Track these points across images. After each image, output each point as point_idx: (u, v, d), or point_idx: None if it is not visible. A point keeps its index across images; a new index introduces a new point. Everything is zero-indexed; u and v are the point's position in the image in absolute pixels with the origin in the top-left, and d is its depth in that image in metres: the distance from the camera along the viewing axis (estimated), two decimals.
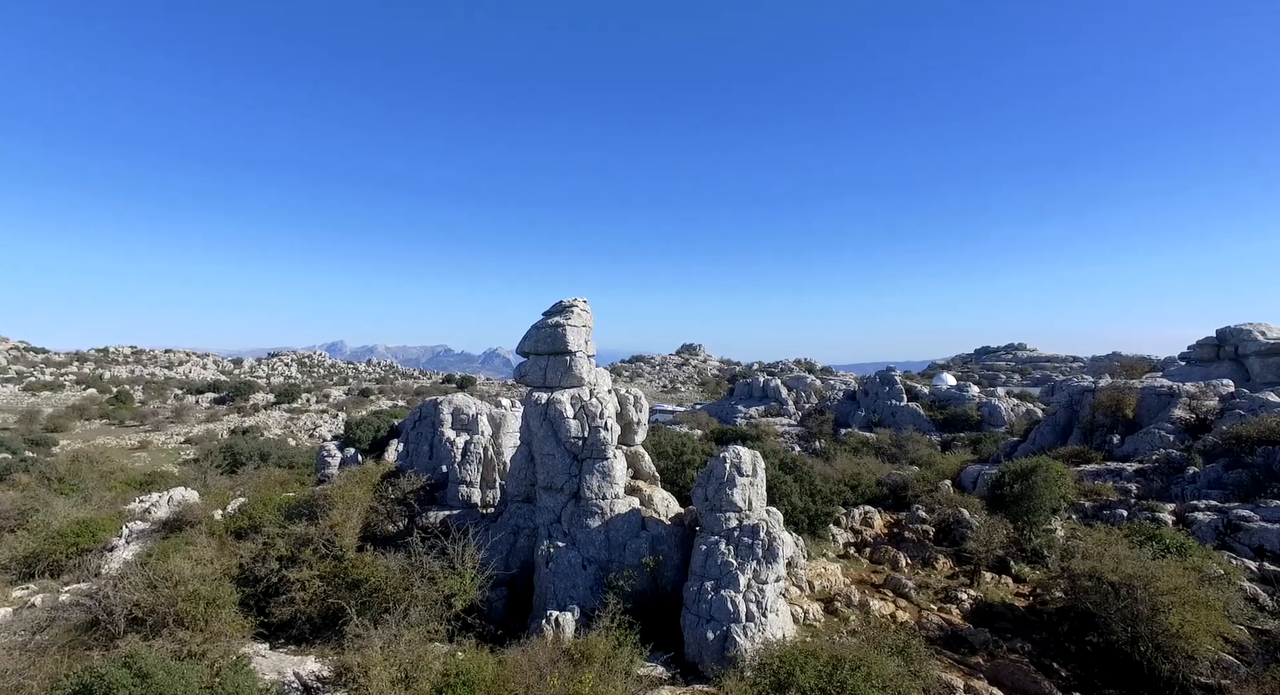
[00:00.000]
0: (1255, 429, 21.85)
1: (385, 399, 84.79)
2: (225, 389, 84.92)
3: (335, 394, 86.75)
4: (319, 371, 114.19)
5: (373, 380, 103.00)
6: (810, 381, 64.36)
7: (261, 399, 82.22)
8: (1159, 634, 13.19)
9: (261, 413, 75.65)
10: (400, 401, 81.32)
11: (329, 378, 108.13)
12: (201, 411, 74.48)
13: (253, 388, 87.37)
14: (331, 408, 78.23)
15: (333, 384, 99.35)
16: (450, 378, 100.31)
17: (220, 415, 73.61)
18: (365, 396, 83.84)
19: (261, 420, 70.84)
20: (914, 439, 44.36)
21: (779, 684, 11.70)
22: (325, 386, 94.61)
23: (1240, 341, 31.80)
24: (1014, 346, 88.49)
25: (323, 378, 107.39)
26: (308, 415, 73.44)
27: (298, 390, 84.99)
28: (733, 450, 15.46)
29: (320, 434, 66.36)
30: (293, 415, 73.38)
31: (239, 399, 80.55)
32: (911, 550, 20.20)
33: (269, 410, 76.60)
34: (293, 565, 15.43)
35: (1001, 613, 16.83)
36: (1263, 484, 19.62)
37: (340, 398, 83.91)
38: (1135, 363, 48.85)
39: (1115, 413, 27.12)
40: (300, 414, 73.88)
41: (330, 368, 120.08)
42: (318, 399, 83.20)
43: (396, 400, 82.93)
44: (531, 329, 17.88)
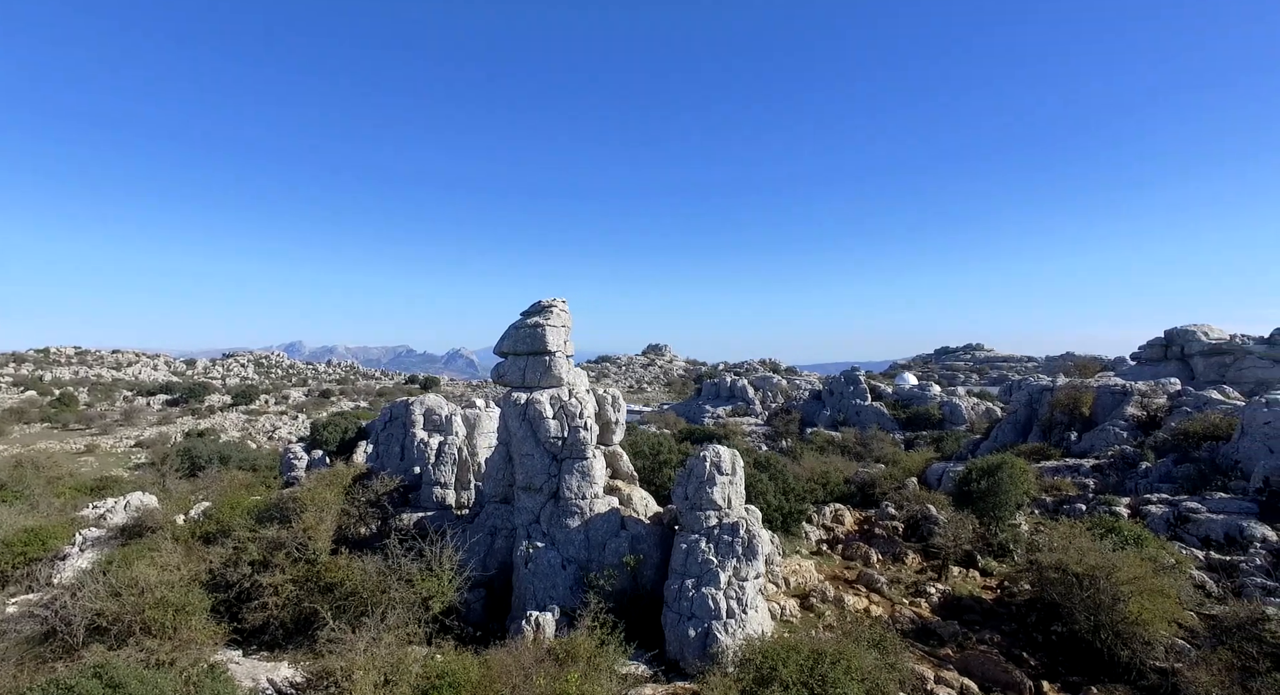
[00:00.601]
0: (1200, 425, 22.95)
1: (347, 400, 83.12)
2: (178, 390, 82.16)
3: (295, 395, 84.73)
4: (277, 372, 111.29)
5: (333, 381, 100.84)
6: (776, 381, 65.18)
7: (217, 400, 79.86)
8: (1119, 622, 13.77)
9: (217, 415, 73.49)
10: (363, 403, 79.80)
11: (287, 379, 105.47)
12: (153, 414, 71.97)
13: (207, 389, 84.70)
14: (291, 409, 76.38)
15: (292, 385, 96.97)
16: (414, 378, 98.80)
17: (173, 417, 71.20)
18: (326, 398, 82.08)
19: (217, 422, 68.79)
20: (878, 438, 45.30)
21: (762, 679, 11.87)
22: (284, 388, 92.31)
23: (1186, 342, 33.33)
24: (972, 347, 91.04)
25: (281, 379, 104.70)
26: (266, 417, 71.59)
27: (255, 391, 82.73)
28: (712, 449, 15.62)
29: (280, 436, 64.76)
30: (250, 417, 71.43)
31: (193, 401, 78.06)
32: (882, 546, 20.65)
33: (225, 412, 74.44)
34: (265, 570, 15.08)
35: (970, 605, 17.32)
36: (1208, 477, 20.63)
37: (300, 399, 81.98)
38: (1088, 362, 50.70)
39: (1073, 411, 28.16)
40: (259, 416, 71.96)
41: (289, 368, 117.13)
42: (276, 400, 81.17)
43: (359, 401, 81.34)
44: (510, 329, 17.78)
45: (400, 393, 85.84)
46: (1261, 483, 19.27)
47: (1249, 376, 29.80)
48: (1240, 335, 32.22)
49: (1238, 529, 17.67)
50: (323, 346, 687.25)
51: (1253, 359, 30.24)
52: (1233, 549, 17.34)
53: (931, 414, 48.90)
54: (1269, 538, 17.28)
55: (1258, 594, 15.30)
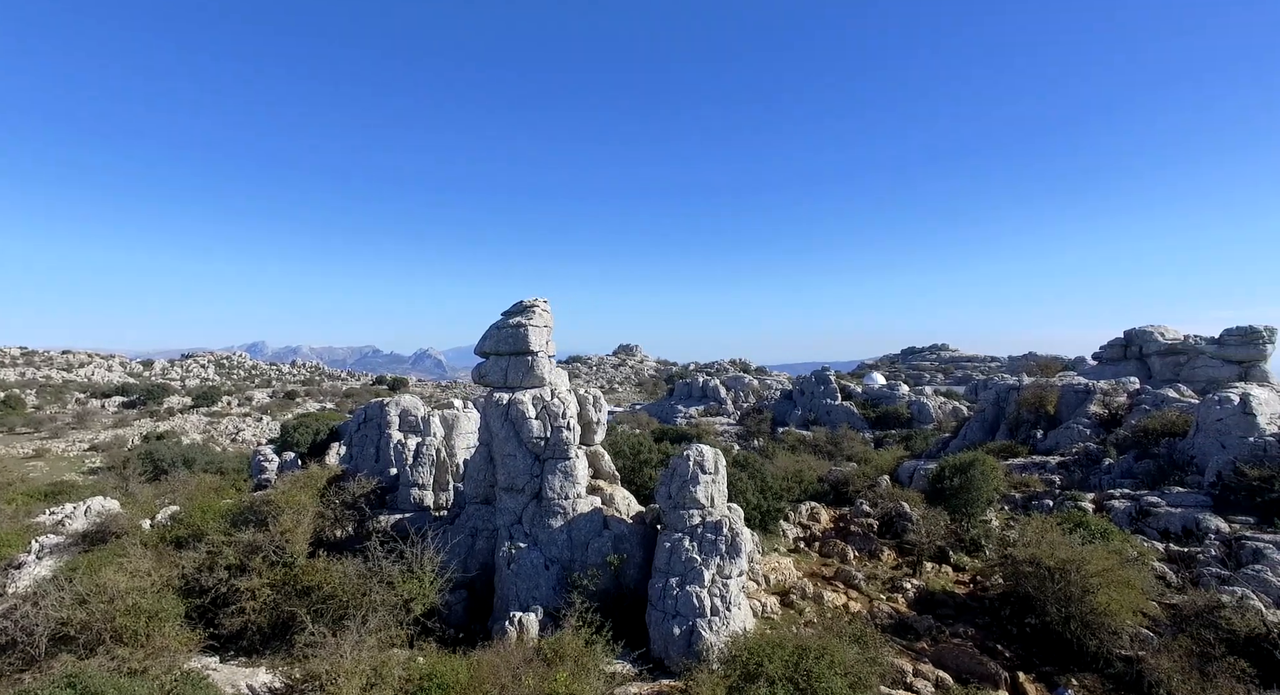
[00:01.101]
0: (1159, 422, 23.88)
1: (313, 401, 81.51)
2: (135, 392, 79.59)
3: (259, 396, 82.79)
4: (239, 373, 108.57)
5: (298, 382, 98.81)
6: (748, 381, 65.77)
7: (177, 402, 77.60)
8: (1088, 613, 14.24)
9: (177, 417, 71.44)
10: (329, 404, 78.35)
11: (250, 380, 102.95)
12: (108, 416, 69.63)
13: (167, 391, 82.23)
14: (255, 411, 74.65)
15: (255, 386, 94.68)
16: (381, 379, 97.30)
17: (130, 420, 68.97)
18: (291, 399, 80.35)
19: (178, 425, 66.89)
20: (849, 436, 46.02)
21: (749, 675, 12.02)
22: (247, 389, 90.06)
23: (1144, 342, 34.66)
24: (937, 347, 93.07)
25: (243, 380, 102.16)
26: (229, 419, 69.83)
27: (217, 393, 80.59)
28: (696, 448, 15.75)
29: (244, 438, 63.31)
30: (213, 419, 69.59)
31: (151, 403, 75.69)
32: (858, 543, 21.01)
33: (186, 414, 72.41)
34: (242, 574, 14.76)
35: (943, 600, 17.72)
36: (1167, 472, 21.48)
37: (265, 400, 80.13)
38: (1049, 362, 52.28)
39: (1038, 409, 29.02)
40: (221, 418, 70.14)
41: (251, 369, 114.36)
42: (240, 402, 79.19)
43: (325, 403, 79.83)
44: (492, 329, 17.69)
45: (368, 394, 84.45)
46: (1215, 477, 20.11)
47: (1201, 375, 31.12)
48: (1193, 336, 33.63)
49: (1194, 521, 18.41)
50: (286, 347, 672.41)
51: (1204, 359, 31.57)
52: (1190, 541, 18.07)
53: (900, 413, 49.86)
54: (1222, 529, 18.04)
55: (1213, 583, 15.96)
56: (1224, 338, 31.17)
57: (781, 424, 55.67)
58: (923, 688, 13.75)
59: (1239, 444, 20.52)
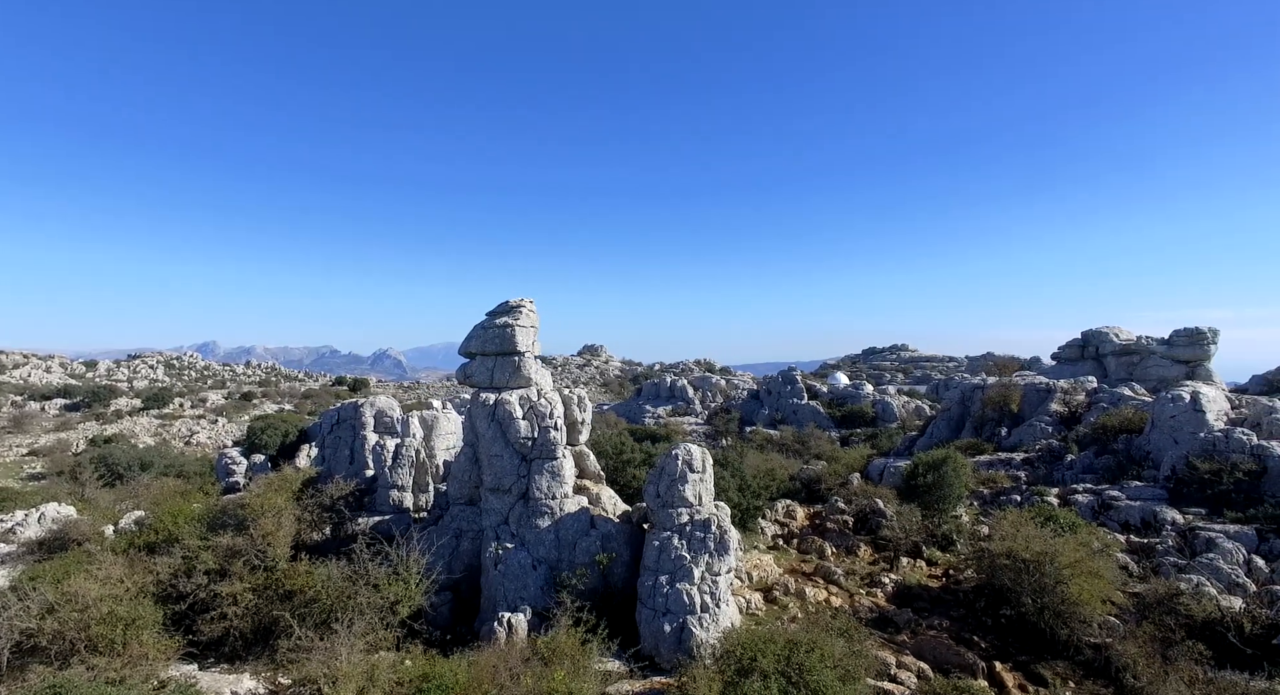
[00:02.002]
0: (1116, 420, 24.99)
1: (270, 402, 79.26)
2: (79, 394, 76.27)
3: (213, 398, 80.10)
4: (190, 374, 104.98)
5: (254, 383, 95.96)
6: (715, 381, 66.36)
7: (125, 404, 74.64)
8: (1060, 603, 14.85)
9: (126, 419, 68.69)
10: (288, 405, 76.35)
11: (202, 381, 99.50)
12: (49, 420, 66.55)
13: (114, 392, 78.98)
14: (210, 413, 72.27)
15: (208, 387, 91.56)
16: (341, 380, 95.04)
17: (74, 423, 66.06)
18: (248, 400, 78.03)
19: (126, 428, 64.38)
20: (815, 435, 46.81)
21: (743, 670, 12.23)
22: (200, 390, 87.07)
23: (1100, 343, 36.23)
24: (897, 347, 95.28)
25: (195, 381, 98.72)
26: (182, 421, 67.48)
27: (169, 394, 77.75)
28: (684, 448, 15.91)
29: (199, 441, 61.30)
30: (164, 421, 67.16)
31: (97, 405, 72.63)
32: (835, 540, 21.46)
33: (135, 417, 69.67)
34: (222, 579, 14.38)
35: (919, 594, 18.25)
36: (1125, 467, 22.51)
37: (219, 402, 77.64)
38: (1007, 362, 54.12)
39: (1002, 407, 30.06)
40: (173, 420, 67.71)
41: (204, 370, 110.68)
42: (193, 403, 76.56)
43: (283, 404, 77.74)
44: (477, 329, 17.56)
45: (328, 395, 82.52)
46: (1170, 471, 21.16)
47: (1153, 375, 32.70)
48: (1145, 337, 35.30)
49: (1152, 514, 19.34)
50: (239, 347, 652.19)
51: (1155, 358, 33.19)
52: (1148, 532, 18.97)
53: (865, 412, 50.91)
54: (1178, 521, 18.99)
55: (1172, 572, 16.82)
56: (1173, 338, 32.88)
57: (749, 423, 56.33)
58: (906, 679, 14.16)
59: (1191, 440, 21.62)
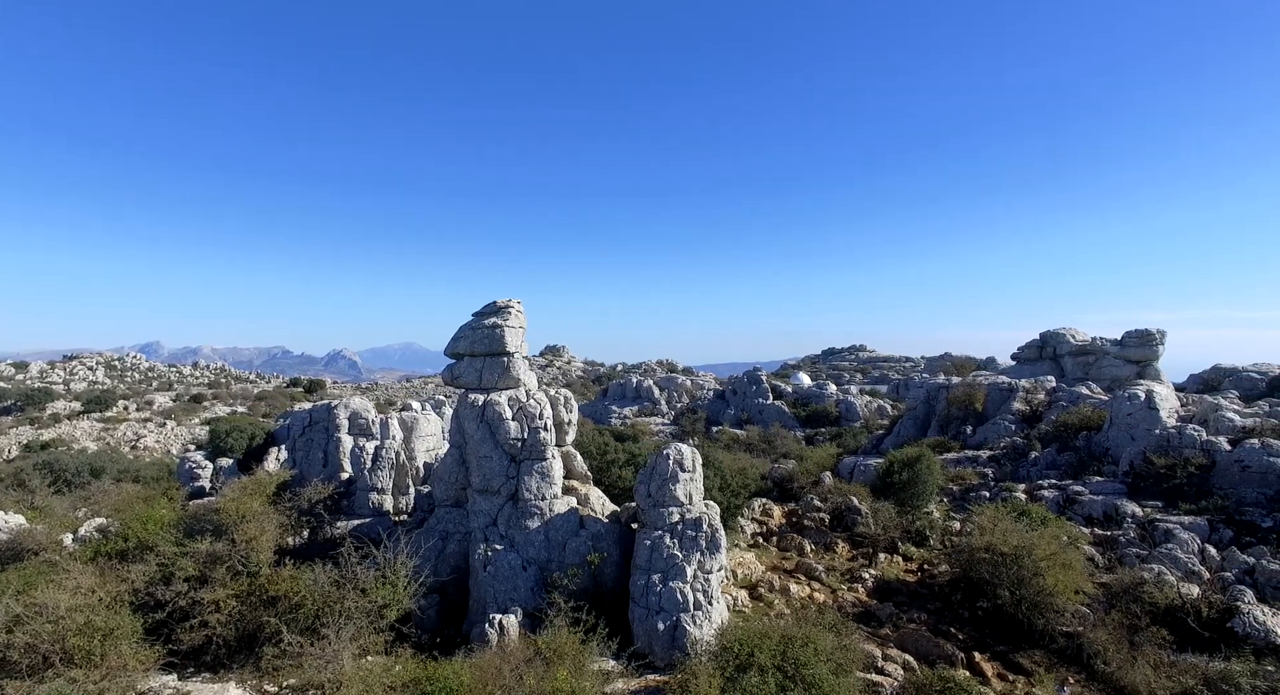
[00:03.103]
0: (1076, 418, 26.10)
1: (222, 405, 76.62)
2: (10, 397, 72.43)
3: (160, 400, 76.98)
4: (134, 376, 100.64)
5: (203, 384, 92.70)
6: (681, 381, 66.75)
7: (63, 408, 71.18)
8: (1036, 594, 15.45)
9: (65, 423, 65.58)
10: (240, 407, 73.95)
11: (147, 382, 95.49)
12: None
13: (49, 395, 75.21)
14: (157, 415, 69.48)
15: (154, 389, 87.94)
16: (296, 381, 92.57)
17: (5, 428, 62.77)
18: (198, 402, 75.29)
19: (65, 432, 61.52)
20: (781, 435, 47.44)
21: (741, 665, 12.40)
22: (145, 392, 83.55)
23: (1057, 343, 37.79)
24: (856, 347, 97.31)
25: (139, 382, 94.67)
26: (127, 425, 64.77)
27: (111, 397, 74.41)
28: (675, 447, 16.03)
29: (145, 445, 58.94)
30: (107, 425, 64.33)
31: (31, 408, 69.09)
32: (813, 537, 21.87)
33: (75, 420, 66.55)
34: (203, 586, 13.90)
35: (898, 589, 18.74)
36: (1086, 464, 23.53)
37: (167, 404, 74.69)
38: (964, 362, 55.89)
39: (967, 406, 31.04)
40: (117, 423, 64.91)
41: (148, 371, 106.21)
42: (138, 406, 73.45)
43: (236, 406, 75.27)
44: (465, 329, 17.37)
45: (282, 396, 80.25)
46: (1128, 467, 22.20)
47: (1107, 374, 34.25)
48: (1099, 338, 36.94)
49: (1113, 507, 20.26)
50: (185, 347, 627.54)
51: (1109, 358, 34.78)
52: (1110, 525, 19.86)
53: (829, 411, 51.83)
54: (1137, 514, 19.93)
55: (1135, 562, 17.64)
56: (1125, 339, 34.49)
57: (715, 423, 56.81)
58: (893, 671, 14.55)
59: (1146, 436, 22.72)
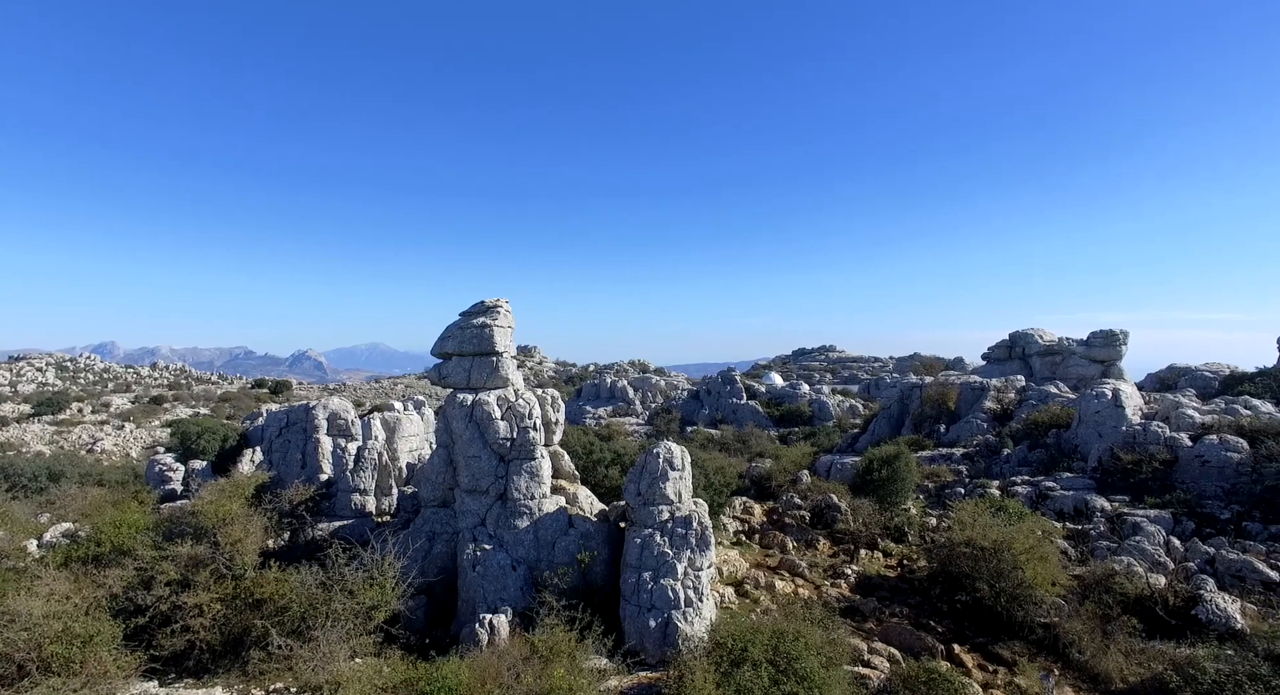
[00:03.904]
0: (1046, 416, 26.90)
1: (183, 406, 74.55)
2: None
3: (117, 402, 74.62)
4: (88, 377, 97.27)
5: (163, 386, 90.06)
6: (655, 381, 66.96)
7: (11, 410, 68.54)
8: (1015, 587, 15.89)
9: (14, 426, 63.14)
10: (203, 409, 72.00)
11: (102, 384, 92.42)
12: None
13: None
14: (114, 418, 67.32)
15: (110, 391, 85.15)
16: (261, 382, 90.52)
17: None
18: (158, 404, 73.18)
19: (14, 436, 59.28)
20: (756, 434, 47.94)
21: (736, 660, 12.54)
22: (101, 394, 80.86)
23: (1026, 344, 38.89)
24: (826, 348, 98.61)
25: (94, 384, 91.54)
26: (82, 427, 62.64)
27: (65, 399, 71.89)
28: (665, 446, 16.12)
29: (103, 448, 57.05)
30: (61, 428, 62.14)
31: None
32: (795, 534, 22.15)
33: (25, 423, 64.13)
34: (185, 590, 13.56)
35: (879, 584, 19.10)
36: (1056, 460, 24.27)
37: (125, 406, 72.44)
38: (933, 362, 57.11)
39: (940, 405, 31.75)
40: (72, 426, 62.74)
41: (103, 372, 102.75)
42: (94, 408, 71.06)
43: (198, 407, 73.26)
44: (453, 329, 17.23)
45: (247, 397, 78.40)
46: (1096, 463, 22.96)
47: (1073, 373, 35.37)
48: (1065, 338, 38.11)
49: (1083, 502, 20.93)
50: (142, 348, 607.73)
51: (1075, 358, 35.93)
52: (1081, 519, 20.52)
53: (802, 411, 52.50)
54: (1106, 508, 20.63)
55: (1106, 554, 18.25)
56: (1090, 339, 35.68)
57: (690, 423, 57.11)
58: (879, 663, 14.83)
59: (1113, 433, 23.52)
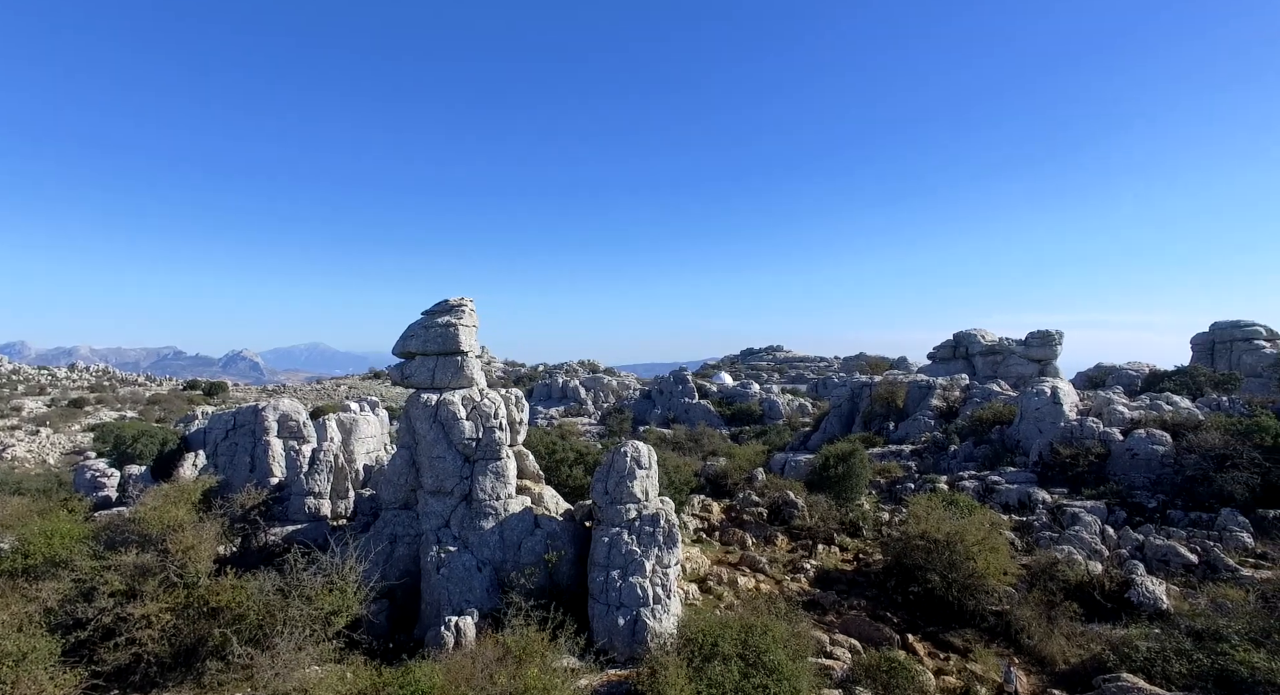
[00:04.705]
0: (989, 413, 28.09)
1: (107, 409, 70.53)
2: None
3: (30, 405, 70.00)
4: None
5: (83, 388, 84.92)
6: (607, 382, 66.95)
7: None
8: (967, 577, 16.54)
9: None
10: (130, 412, 68.32)
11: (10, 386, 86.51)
12: None
13: None
14: (27, 422, 63.15)
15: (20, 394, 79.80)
16: (194, 383, 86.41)
17: None
18: (78, 407, 68.99)
19: None
20: (708, 434, 48.50)
21: (707, 655, 12.70)
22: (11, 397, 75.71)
23: (969, 344, 40.54)
24: (773, 348, 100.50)
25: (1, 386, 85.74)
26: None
27: None
28: (632, 445, 16.18)
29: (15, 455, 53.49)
30: None
31: None
32: (754, 531, 22.52)
33: None
34: (131, 600, 12.86)
35: (837, 577, 19.60)
36: (1000, 455, 25.38)
37: (40, 410, 68.01)
38: (878, 362, 58.92)
39: (889, 403, 32.77)
40: None
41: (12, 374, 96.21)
42: (5, 412, 66.48)
43: (125, 411, 69.47)
44: (417, 328, 16.87)
45: (179, 399, 74.72)
46: (1037, 457, 24.12)
47: (1013, 372, 37.08)
48: (1005, 338, 39.92)
49: (1026, 495, 21.95)
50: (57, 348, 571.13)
51: (1015, 358, 37.67)
52: (1024, 511, 21.51)
53: (753, 410, 53.36)
54: (1047, 500, 21.68)
55: (1049, 544, 19.19)
56: (1029, 340, 37.50)
57: (642, 423, 57.34)
58: (841, 655, 15.23)
59: (1052, 428, 24.75)
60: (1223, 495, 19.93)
